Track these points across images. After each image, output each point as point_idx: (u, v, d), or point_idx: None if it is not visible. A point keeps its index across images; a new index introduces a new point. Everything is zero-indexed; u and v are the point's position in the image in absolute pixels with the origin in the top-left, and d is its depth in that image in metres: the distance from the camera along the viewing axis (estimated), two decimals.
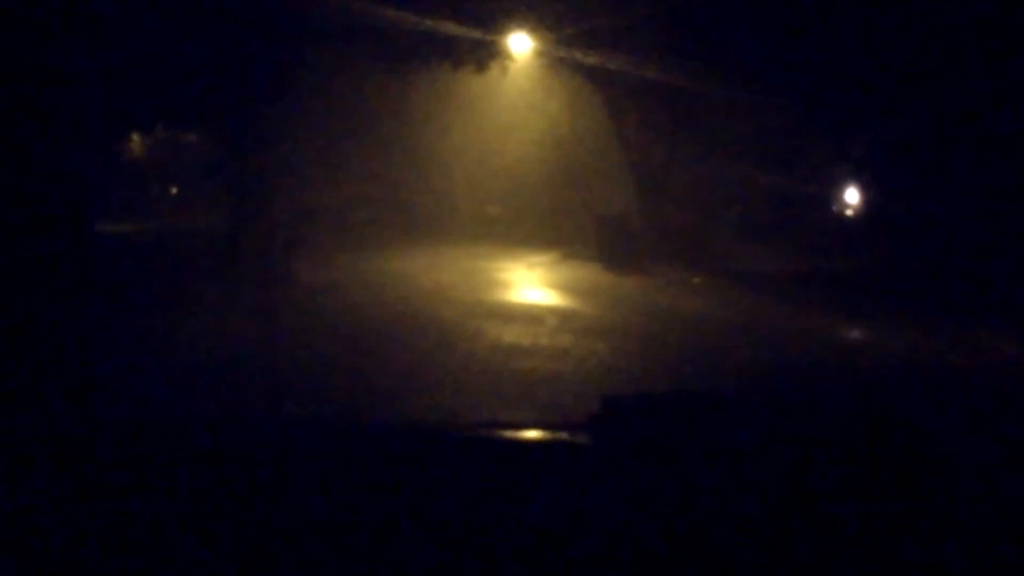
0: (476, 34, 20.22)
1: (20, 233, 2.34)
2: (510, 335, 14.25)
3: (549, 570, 2.51)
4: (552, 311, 16.76)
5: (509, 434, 3.83)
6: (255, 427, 3.63)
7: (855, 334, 15.05)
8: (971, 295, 16.21)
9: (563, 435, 3.48)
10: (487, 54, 21.49)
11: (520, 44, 21.46)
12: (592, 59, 21.32)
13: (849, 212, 24.52)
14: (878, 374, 12.12)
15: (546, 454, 3.35)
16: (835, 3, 17.57)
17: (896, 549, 2.62)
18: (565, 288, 19.33)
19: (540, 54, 22.43)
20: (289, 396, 10.31)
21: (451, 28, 19.53)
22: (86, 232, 2.59)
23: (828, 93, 20.33)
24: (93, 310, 2.59)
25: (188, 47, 18.67)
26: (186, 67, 19.33)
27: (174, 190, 36.83)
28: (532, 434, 3.81)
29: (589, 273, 21.50)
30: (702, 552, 2.58)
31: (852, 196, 24.39)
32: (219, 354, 12.25)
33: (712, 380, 11.31)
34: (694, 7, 18.73)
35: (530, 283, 20.34)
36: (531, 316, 16.12)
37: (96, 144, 22.54)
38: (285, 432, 3.58)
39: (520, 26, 20.53)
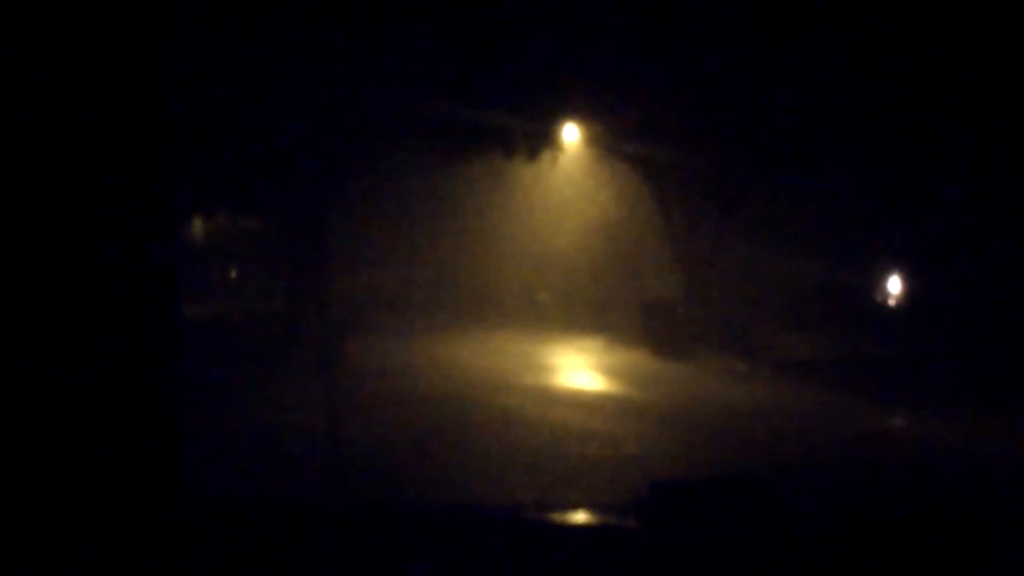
0: (527, 125, 20.49)
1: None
2: (563, 419, 14.36)
3: None
4: (602, 396, 16.86)
5: (559, 516, 3.94)
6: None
7: (896, 422, 15.01)
8: (1011, 387, 16.17)
9: (611, 518, 3.60)
10: (538, 144, 21.63)
11: (570, 134, 21.74)
12: (640, 149, 21.58)
13: (891, 302, 24.43)
14: (910, 465, 12.07)
15: (594, 536, 3.47)
16: (880, 98, 17.67)
17: None
18: (613, 373, 19.40)
19: (589, 143, 22.65)
20: (341, 482, 10.37)
21: (503, 119, 19.83)
22: (176, 314, 2.86)
23: (871, 181, 20.37)
24: (180, 386, 2.83)
25: (250, 134, 18.86)
26: (249, 154, 19.54)
27: (233, 273, 37.22)
28: (581, 516, 3.92)
29: (636, 359, 21.54)
30: None
31: (895, 286, 24.33)
32: (261, 441, 12.38)
33: (754, 467, 11.34)
34: (739, 100, 18.92)
35: (580, 368, 20.43)
36: (583, 402, 16.20)
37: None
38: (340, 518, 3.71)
39: (570, 116, 20.83)
